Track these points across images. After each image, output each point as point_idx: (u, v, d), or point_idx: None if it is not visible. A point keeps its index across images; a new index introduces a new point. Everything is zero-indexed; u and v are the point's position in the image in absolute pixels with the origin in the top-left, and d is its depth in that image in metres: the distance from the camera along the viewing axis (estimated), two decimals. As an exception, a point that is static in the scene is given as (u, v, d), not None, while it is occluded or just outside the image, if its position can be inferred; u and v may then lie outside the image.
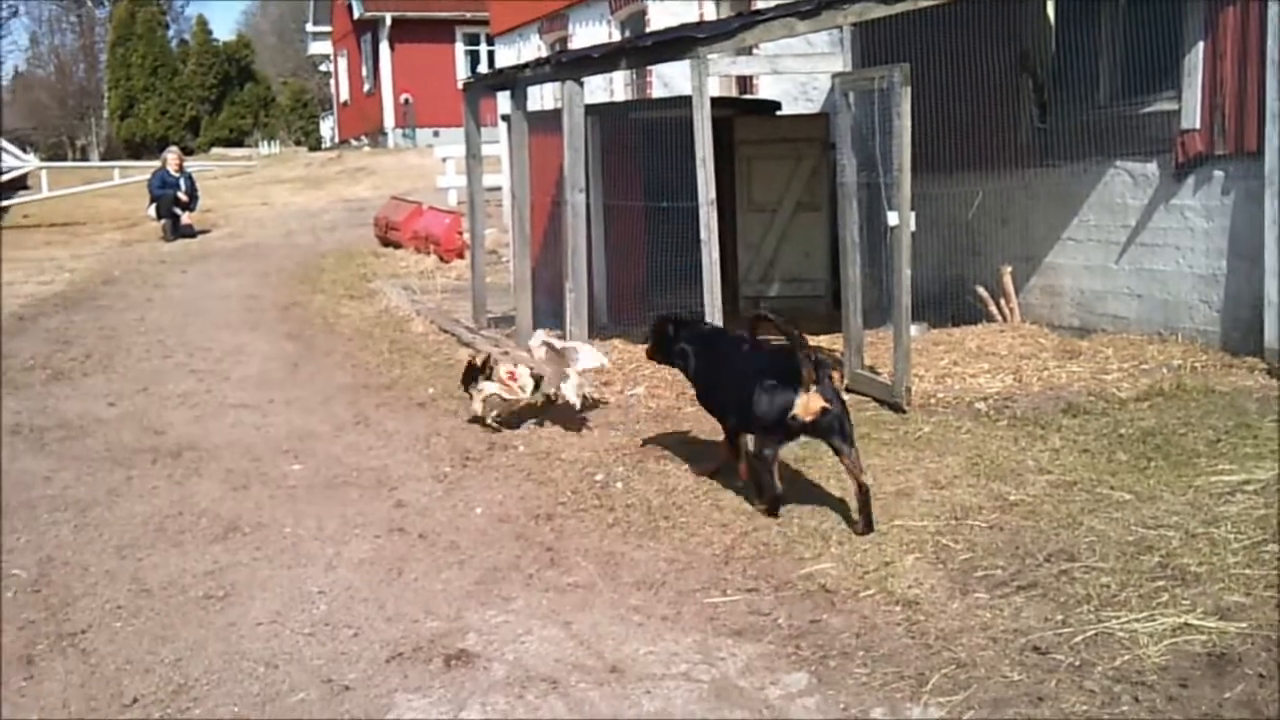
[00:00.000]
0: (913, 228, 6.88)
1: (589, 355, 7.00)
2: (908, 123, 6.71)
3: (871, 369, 7.43)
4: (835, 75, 7.80)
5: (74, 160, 47.07)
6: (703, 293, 7.60)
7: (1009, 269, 8.91)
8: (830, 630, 4.16)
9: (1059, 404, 6.79)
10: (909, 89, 6.69)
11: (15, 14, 65.33)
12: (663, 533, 5.22)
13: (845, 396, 7.13)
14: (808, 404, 5.10)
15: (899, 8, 7.31)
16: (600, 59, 8.03)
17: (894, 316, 7.00)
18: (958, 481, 5.61)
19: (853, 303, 7.42)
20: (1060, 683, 3.68)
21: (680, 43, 7.40)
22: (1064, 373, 7.45)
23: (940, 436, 6.36)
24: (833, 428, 5.14)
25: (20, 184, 26.08)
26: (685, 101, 7.67)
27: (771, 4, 9.33)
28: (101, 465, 6.47)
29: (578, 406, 6.94)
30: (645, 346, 6.53)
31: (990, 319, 8.91)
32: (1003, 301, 8.93)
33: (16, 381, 8.48)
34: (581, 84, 8.17)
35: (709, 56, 7.39)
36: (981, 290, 9.01)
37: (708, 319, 7.46)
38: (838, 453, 5.21)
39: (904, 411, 6.80)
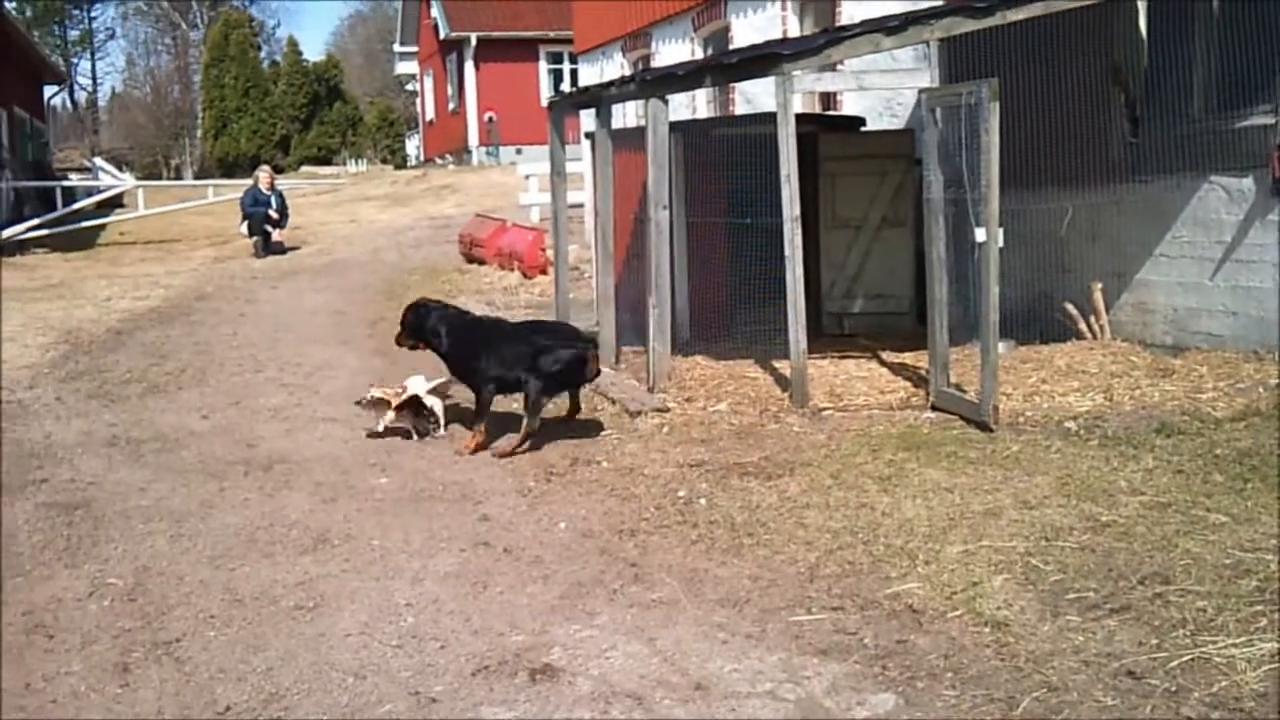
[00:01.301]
0: (1000, 244, 6.80)
1: (417, 383, 7.54)
2: (996, 138, 6.64)
3: (958, 387, 7.35)
4: (922, 91, 7.75)
5: (168, 179, 48.26)
6: (785, 309, 7.59)
7: (1099, 285, 8.76)
8: (917, 651, 4.12)
9: (1152, 423, 6.65)
10: (997, 104, 6.62)
11: (113, 36, 67.47)
12: (746, 550, 5.20)
13: (931, 415, 7.14)
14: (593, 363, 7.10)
15: (987, 22, 7.25)
16: (685, 76, 8.06)
17: (981, 333, 6.92)
18: (1048, 502, 5.52)
19: (939, 320, 7.35)
20: (1155, 709, 3.61)
21: (765, 59, 7.41)
22: (1157, 391, 7.30)
23: (1029, 456, 6.26)
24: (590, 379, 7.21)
25: (117, 202, 26.82)
26: (769, 118, 7.68)
27: (857, 20, 9.31)
28: (195, 477, 6.62)
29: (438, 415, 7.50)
30: (396, 334, 7.78)
31: (1079, 336, 8.76)
32: (1092, 319, 8.78)
33: (114, 394, 8.70)
34: (666, 101, 8.20)
35: (794, 73, 7.38)
36: (1070, 307, 8.87)
37: (791, 335, 7.44)
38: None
39: (991, 430, 6.71)
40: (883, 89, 10.58)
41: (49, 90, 37.97)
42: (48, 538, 5.61)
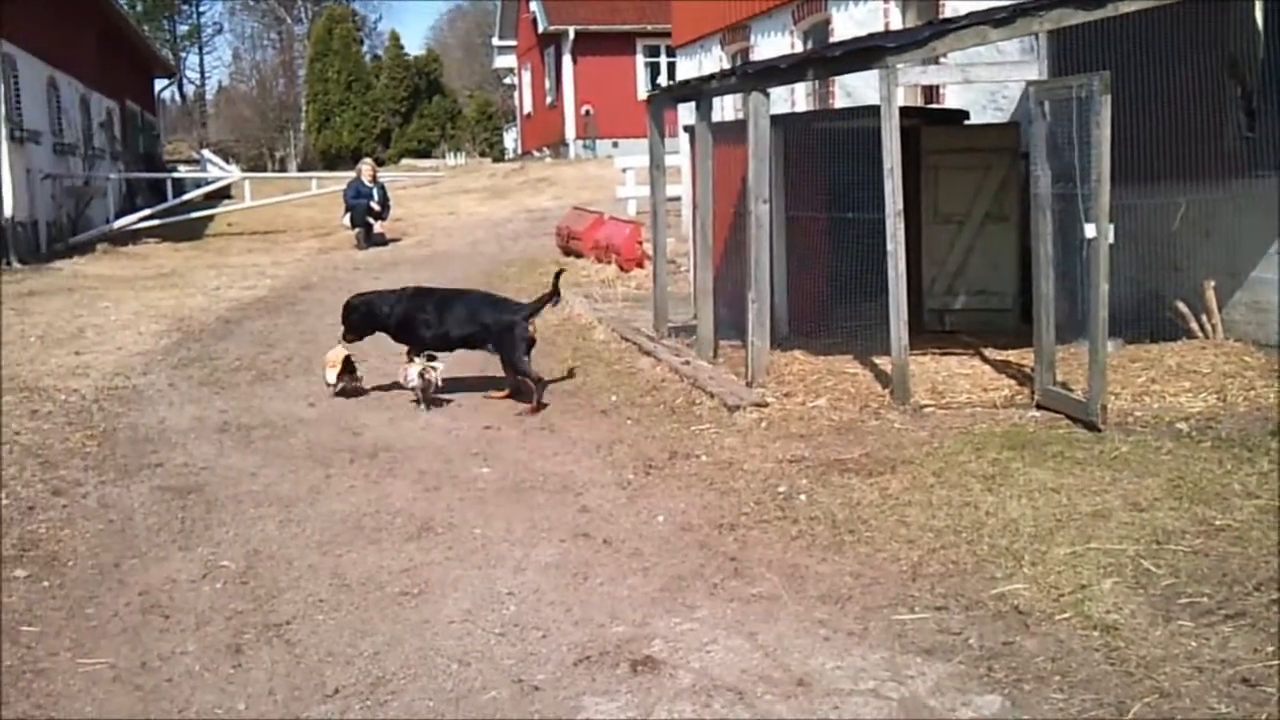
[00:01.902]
0: (1110, 240, 6.66)
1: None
2: (1107, 132, 6.50)
3: (1064, 385, 7.21)
4: (1030, 84, 7.62)
5: (272, 170, 49.24)
6: (886, 304, 7.52)
7: (1212, 283, 8.53)
8: (1024, 653, 4.06)
9: (1267, 425, 6.47)
10: (1109, 97, 6.48)
11: (220, 31, 68.92)
12: (847, 547, 5.17)
13: (1036, 413, 7.02)
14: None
15: (1099, 13, 7.10)
16: (787, 70, 8.02)
17: (1089, 331, 6.78)
18: (1158, 504, 5.40)
19: (1045, 317, 7.22)
20: (1271, 717, 3.51)
21: (869, 52, 7.34)
22: (1272, 393, 7.09)
23: (1139, 457, 6.13)
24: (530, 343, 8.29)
25: (224, 193, 27.49)
26: (870, 111, 7.62)
27: (961, 12, 9.17)
28: (303, 463, 6.76)
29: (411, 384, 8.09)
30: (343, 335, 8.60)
31: (1190, 336, 8.55)
32: (1204, 317, 8.56)
33: (224, 381, 8.92)
34: (767, 95, 8.17)
35: (898, 66, 7.30)
36: (1182, 305, 8.66)
37: (893, 331, 7.37)
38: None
39: (1099, 430, 6.58)
40: (988, 82, 10.41)
41: (159, 84, 39.03)
42: (162, 520, 5.77)
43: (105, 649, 4.36)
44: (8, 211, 17.21)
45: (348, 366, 8.46)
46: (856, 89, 12.76)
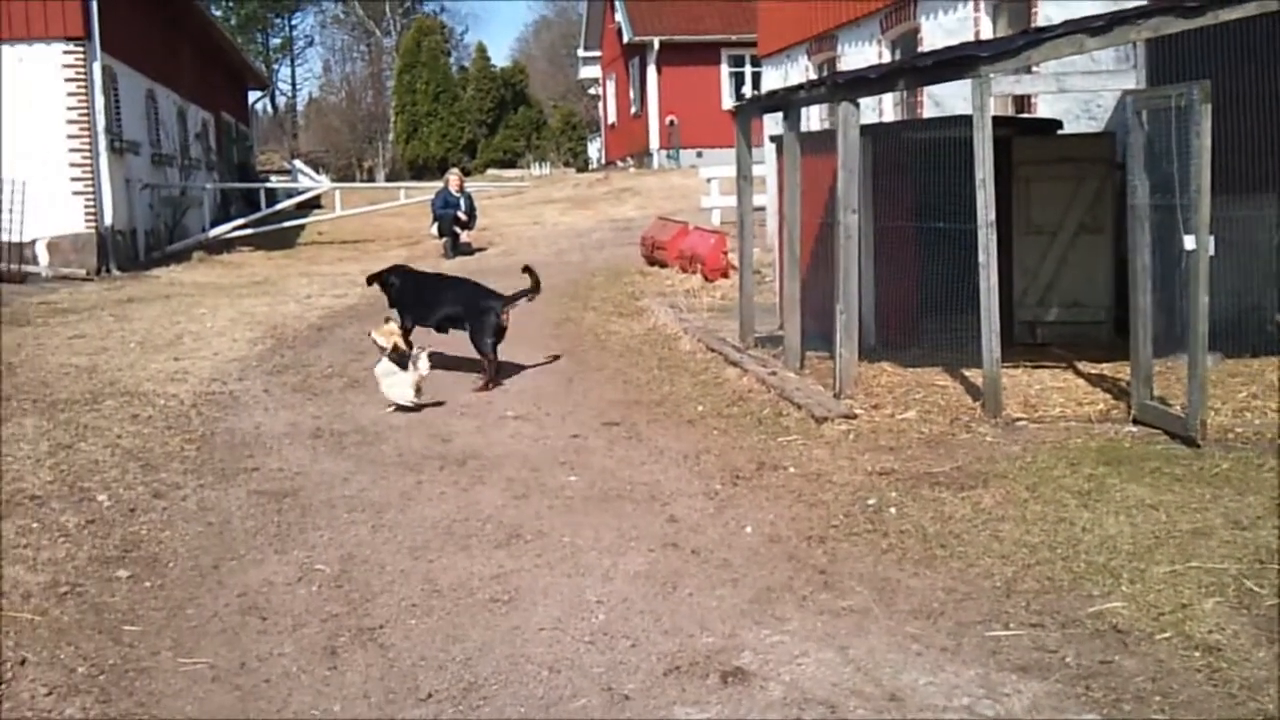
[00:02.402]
0: (1211, 252, 6.52)
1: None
2: (1207, 142, 6.37)
3: (1162, 400, 7.07)
4: (1127, 93, 7.50)
5: (361, 180, 50.04)
6: (975, 316, 7.43)
7: (1316, 297, 8.32)
8: (1123, 673, 3.98)
9: (1375, 444, 6.29)
10: (1209, 106, 6.35)
11: (311, 43, 70.34)
12: (939, 561, 5.12)
13: (1133, 428, 6.90)
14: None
15: (1198, 22, 6.97)
16: (877, 79, 7.97)
17: (1189, 345, 6.64)
18: (1261, 522, 5.27)
19: (1142, 330, 7.08)
20: (1386, 746, 3.41)
21: (962, 62, 7.27)
22: (1380, 410, 6.89)
23: (1240, 474, 5.98)
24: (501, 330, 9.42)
25: (315, 203, 27.97)
26: (960, 121, 7.54)
27: (1054, 20, 9.04)
28: (394, 469, 6.85)
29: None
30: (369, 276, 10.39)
31: (1293, 350, 8.33)
32: (1307, 331, 8.34)
33: (317, 388, 9.08)
34: (857, 105, 8.12)
35: (991, 76, 7.22)
36: (1284, 319, 8.45)
37: (984, 343, 7.28)
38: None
39: (1198, 446, 6.44)
40: (1083, 91, 10.25)
41: (252, 95, 39.84)
42: (259, 523, 5.89)
43: (205, 649, 4.45)
44: (108, 220, 17.69)
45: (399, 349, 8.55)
46: (945, 98, 12.64)
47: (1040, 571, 4.91)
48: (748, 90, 32.08)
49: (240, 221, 22.74)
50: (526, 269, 9.94)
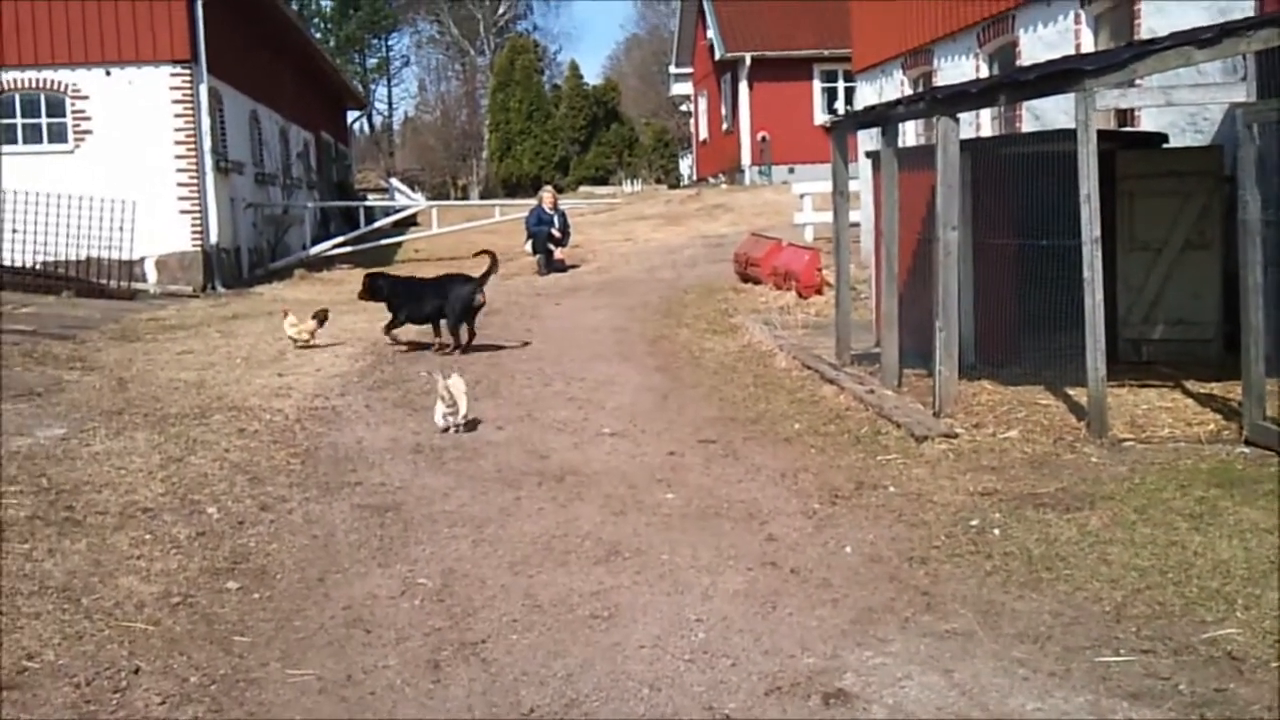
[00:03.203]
0: (1327, 268, 6.33)
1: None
2: (1324, 155, 6.19)
3: (1276, 421, 6.87)
4: (1236, 106, 7.31)
5: (455, 198, 50.69)
6: (1080, 333, 7.30)
7: None
8: (1239, 701, 3.88)
9: None
10: (1326, 119, 6.18)
11: (407, 63, 71.41)
12: (1045, 584, 5.03)
13: (1245, 449, 6.72)
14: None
15: (1313, 32, 6.77)
16: (978, 94, 7.89)
17: (1303, 364, 6.46)
18: (1383, 549, 5.10)
19: (1254, 348, 6.90)
20: None
21: (1066, 75, 7.16)
22: None
23: (1359, 498, 5.79)
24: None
25: (410, 220, 28.43)
26: (1062, 135, 7.43)
27: (1158, 33, 8.87)
28: (494, 485, 6.92)
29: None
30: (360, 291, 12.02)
31: None
32: None
33: (416, 404, 9.19)
34: (957, 120, 8.04)
35: (1096, 90, 7.10)
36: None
37: (1089, 361, 7.15)
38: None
39: (1314, 468, 6.25)
40: (1190, 104, 10.02)
41: (351, 115, 40.66)
42: (363, 537, 5.98)
43: (312, 660, 4.53)
44: (213, 238, 18.18)
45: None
46: (1045, 112, 12.45)
47: (1151, 596, 4.80)
48: (840, 106, 31.93)
49: (340, 239, 23.20)
50: (483, 251, 12.34)
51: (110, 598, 5.04)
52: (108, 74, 17.88)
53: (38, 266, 16.86)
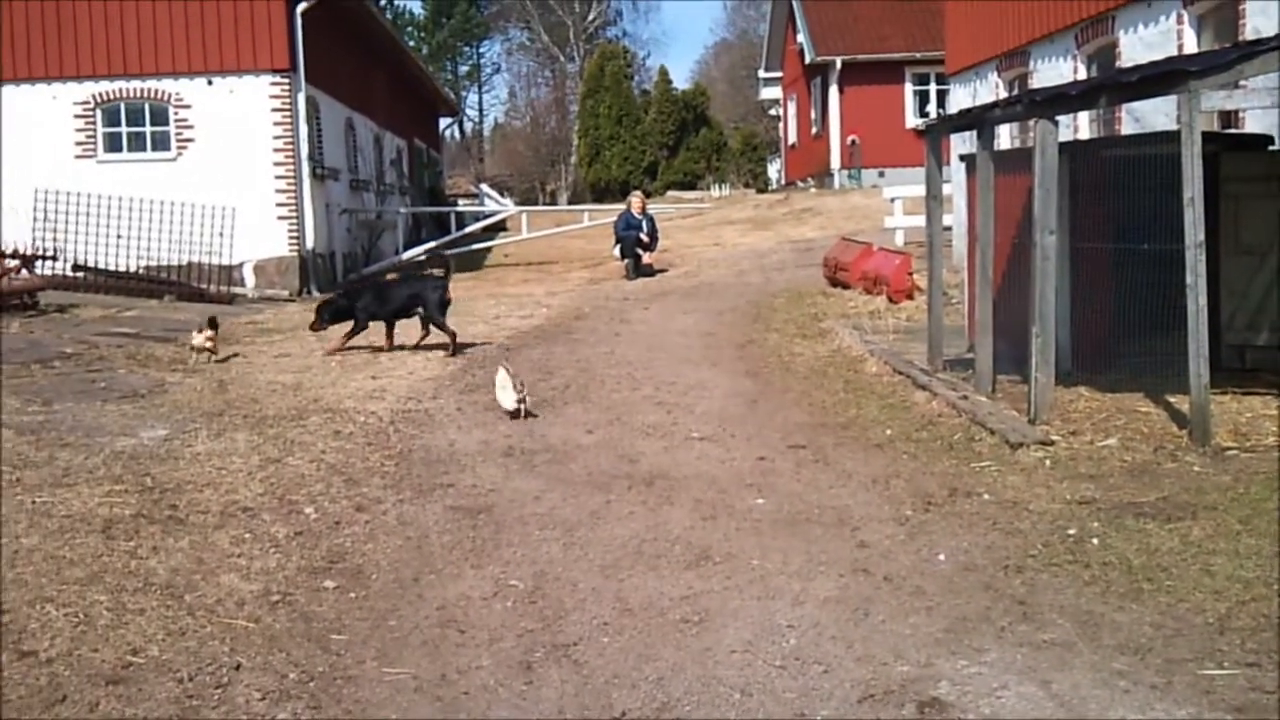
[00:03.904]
0: None
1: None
2: None
3: (1387, 430, 6.65)
4: (1348, 105, 7.09)
5: (543, 203, 51.03)
6: (1182, 339, 7.13)
7: None
8: (1351, 719, 3.75)
9: None
10: None
11: (498, 70, 72.02)
12: (1146, 595, 4.92)
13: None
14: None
15: None
16: (1078, 96, 7.75)
17: None
18: None
19: (1365, 356, 6.68)
20: None
21: (1170, 77, 7.01)
22: None
23: None
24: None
25: (500, 225, 28.71)
26: (1164, 137, 7.27)
27: (1264, 33, 8.64)
28: (583, 488, 6.95)
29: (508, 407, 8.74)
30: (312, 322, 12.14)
31: None
32: None
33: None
34: (1056, 122, 7.91)
35: (1200, 91, 6.94)
36: None
37: (1191, 368, 6.99)
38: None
39: None
40: (1299, 104, 9.73)
41: (442, 122, 41.16)
42: (455, 539, 6.05)
43: (407, 659, 4.59)
44: (309, 244, 18.52)
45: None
46: (1145, 114, 12.19)
47: (1256, 609, 4.67)
48: (933, 109, 31.58)
49: (431, 244, 23.49)
50: (439, 260, 13.44)
51: (212, 595, 5.15)
52: (209, 83, 18.32)
53: (141, 271, 17.33)
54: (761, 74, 45.60)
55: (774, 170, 49.80)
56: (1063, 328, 9.33)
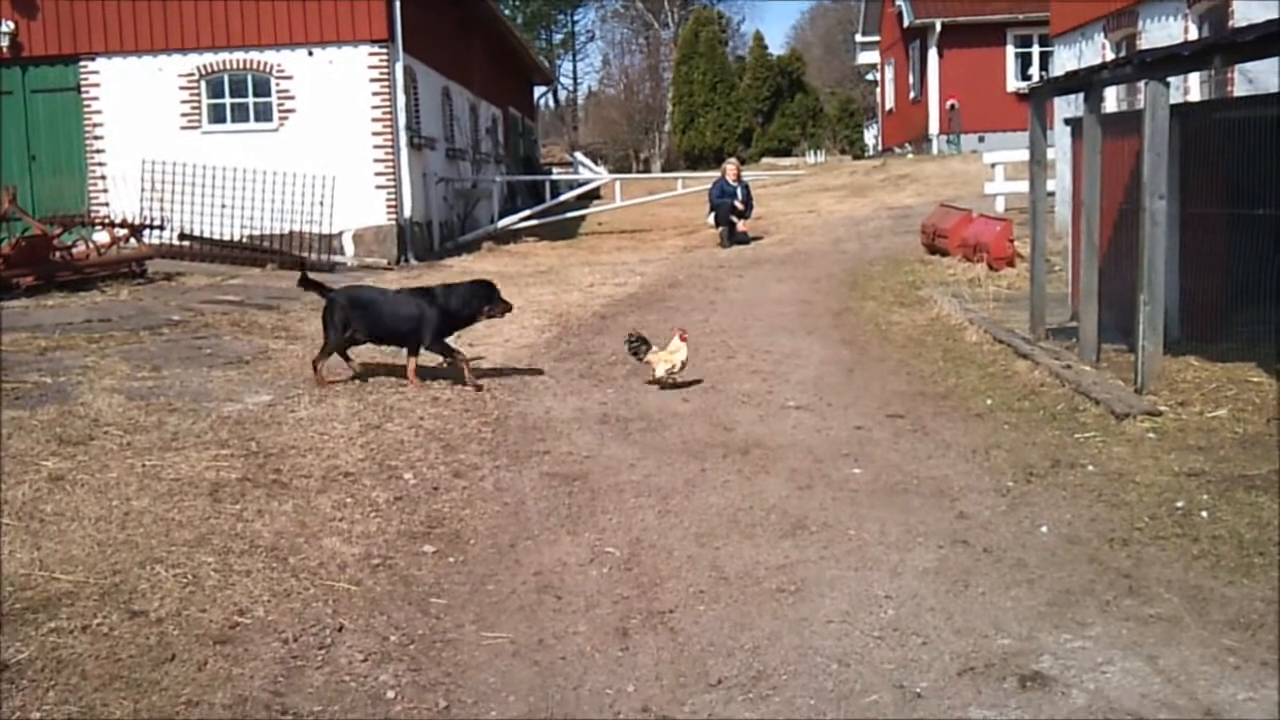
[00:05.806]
0: None
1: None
2: None
3: None
4: None
5: (637, 171, 50.94)
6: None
7: None
8: None
9: None
10: None
11: (592, 38, 71.84)
12: (1258, 570, 4.78)
13: None
14: None
15: None
16: (1190, 57, 7.48)
17: None
18: None
19: None
20: None
21: (1289, 34, 6.73)
22: None
23: None
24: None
25: (594, 193, 28.73)
26: (1278, 99, 6.97)
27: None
28: (678, 456, 6.95)
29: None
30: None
31: None
32: None
33: (601, 375, 9.31)
34: (1167, 84, 7.66)
35: (1321, 48, 6.67)
36: None
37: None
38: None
39: None
40: None
41: (537, 90, 41.25)
42: (551, 505, 6.09)
43: (505, 624, 4.64)
44: (407, 213, 18.71)
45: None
46: (1260, 75, 11.75)
47: (1376, 587, 4.52)
48: (1035, 71, 30.84)
49: (526, 213, 23.60)
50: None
51: (315, 558, 5.25)
52: (310, 54, 18.54)
53: (244, 240, 17.68)
54: (858, 38, 44.95)
55: (871, 136, 49.14)
56: (1171, 295, 9.09)
